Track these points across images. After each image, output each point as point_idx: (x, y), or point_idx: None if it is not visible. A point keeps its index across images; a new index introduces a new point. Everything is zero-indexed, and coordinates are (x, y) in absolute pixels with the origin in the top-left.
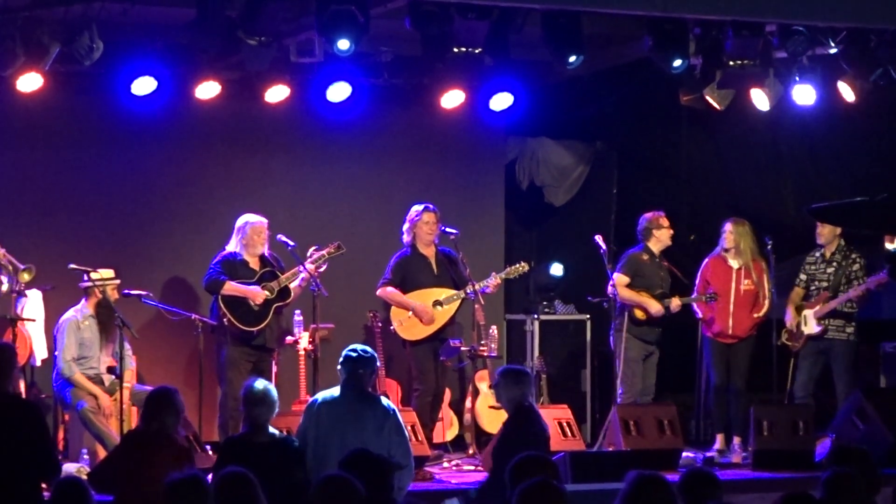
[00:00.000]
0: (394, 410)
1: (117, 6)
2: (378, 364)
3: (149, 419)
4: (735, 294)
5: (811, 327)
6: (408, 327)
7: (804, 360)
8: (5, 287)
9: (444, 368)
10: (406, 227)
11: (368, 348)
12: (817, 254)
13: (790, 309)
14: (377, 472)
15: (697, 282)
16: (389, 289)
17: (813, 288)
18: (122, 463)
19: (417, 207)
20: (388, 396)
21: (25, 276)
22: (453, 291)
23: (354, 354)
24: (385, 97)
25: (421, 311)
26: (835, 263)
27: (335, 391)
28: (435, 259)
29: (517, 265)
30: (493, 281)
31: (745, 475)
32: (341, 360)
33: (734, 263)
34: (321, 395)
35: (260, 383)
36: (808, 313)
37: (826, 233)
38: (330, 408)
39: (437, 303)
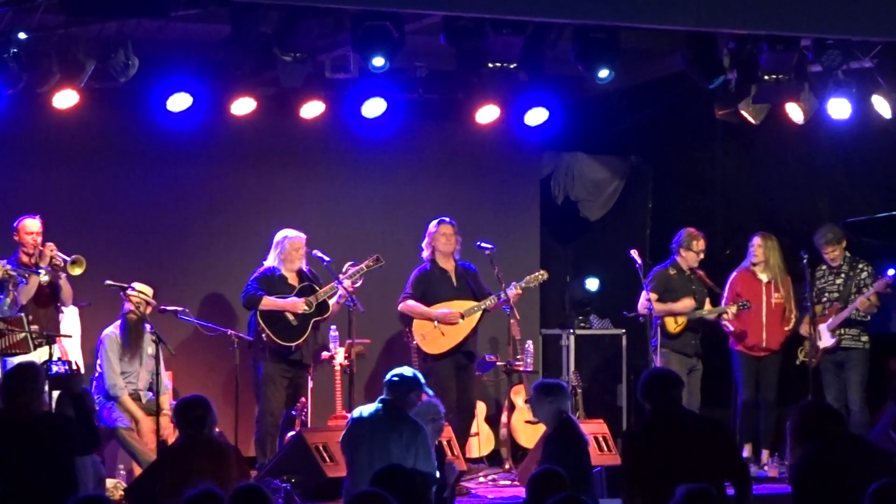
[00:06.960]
0: (423, 429)
1: (153, 23)
2: (421, 384)
3: (198, 426)
4: (766, 307)
5: (825, 340)
6: (430, 341)
7: (826, 373)
8: (45, 279)
9: (479, 382)
10: (425, 242)
11: (410, 371)
12: (824, 266)
13: (805, 324)
14: (410, 487)
15: (726, 294)
16: (410, 302)
17: (825, 300)
18: (167, 473)
19: (434, 222)
20: None
21: (77, 270)
22: (474, 303)
23: (395, 378)
24: (420, 113)
25: (445, 316)
26: (843, 274)
27: (370, 407)
28: (455, 272)
29: (536, 273)
30: (514, 291)
31: (783, 489)
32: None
33: (763, 277)
34: (356, 412)
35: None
36: (822, 327)
37: (837, 255)
38: (358, 425)
39: None
